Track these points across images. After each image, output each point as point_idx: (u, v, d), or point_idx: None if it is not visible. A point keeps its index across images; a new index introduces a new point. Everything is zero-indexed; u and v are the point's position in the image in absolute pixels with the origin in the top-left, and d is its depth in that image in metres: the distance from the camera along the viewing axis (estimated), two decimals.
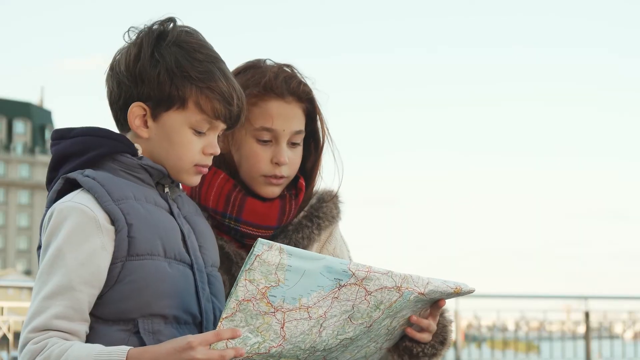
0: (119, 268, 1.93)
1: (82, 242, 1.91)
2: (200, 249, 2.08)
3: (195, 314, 2.02)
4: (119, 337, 1.93)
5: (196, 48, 2.05)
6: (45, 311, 1.87)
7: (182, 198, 2.15)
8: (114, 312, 1.94)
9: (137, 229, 1.95)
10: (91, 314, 1.93)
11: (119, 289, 1.93)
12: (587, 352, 10.90)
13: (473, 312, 11.78)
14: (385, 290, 1.85)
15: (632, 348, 11.74)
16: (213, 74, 2.04)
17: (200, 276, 2.04)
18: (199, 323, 2.02)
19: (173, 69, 2.02)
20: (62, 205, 1.95)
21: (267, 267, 1.77)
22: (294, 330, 1.82)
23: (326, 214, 2.43)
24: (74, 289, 1.89)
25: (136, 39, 2.06)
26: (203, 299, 2.03)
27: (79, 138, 2.04)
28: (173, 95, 2.02)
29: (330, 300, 1.82)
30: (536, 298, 11.92)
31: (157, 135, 2.04)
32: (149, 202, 2.01)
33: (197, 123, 2.04)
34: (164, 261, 1.97)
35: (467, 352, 11.79)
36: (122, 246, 1.93)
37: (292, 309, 1.80)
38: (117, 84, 2.05)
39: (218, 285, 2.10)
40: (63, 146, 2.06)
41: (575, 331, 12.02)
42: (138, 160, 2.03)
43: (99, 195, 1.94)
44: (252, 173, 2.35)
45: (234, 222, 2.33)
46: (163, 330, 1.95)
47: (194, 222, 2.11)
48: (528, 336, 12.37)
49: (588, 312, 11.15)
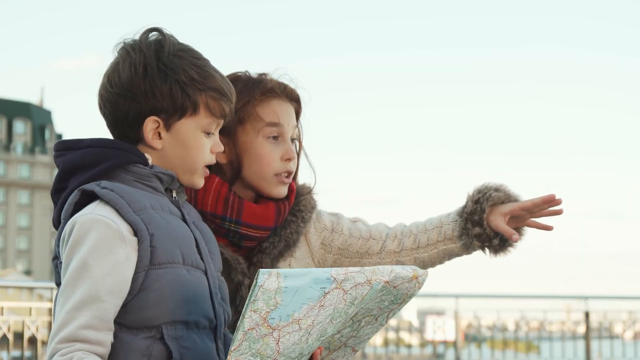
0: (142, 277, 1.96)
1: (106, 253, 1.93)
2: (209, 254, 2.12)
3: (212, 318, 2.06)
4: (143, 344, 1.96)
5: (192, 55, 2.10)
6: (72, 322, 1.89)
7: (187, 204, 2.18)
8: (138, 319, 1.96)
9: (158, 238, 1.98)
10: (115, 322, 1.95)
11: (143, 297, 1.96)
12: (587, 352, 10.89)
13: (473, 312, 11.78)
14: (359, 287, 1.90)
15: (632, 348, 11.74)
16: (213, 76, 2.10)
17: (212, 281, 2.08)
18: (214, 327, 2.07)
19: (182, 79, 2.06)
20: (85, 217, 1.96)
21: (268, 294, 1.83)
22: (287, 343, 1.87)
23: (306, 206, 2.52)
24: (100, 300, 1.91)
25: (133, 55, 2.08)
26: (216, 303, 2.08)
27: (90, 149, 2.05)
28: (186, 104, 2.07)
29: (317, 309, 1.87)
30: (536, 298, 11.91)
31: (170, 144, 2.08)
32: (164, 210, 2.04)
33: (208, 125, 2.10)
34: (183, 268, 2.01)
35: (467, 352, 11.80)
36: (145, 256, 1.96)
37: (286, 325, 1.85)
38: (123, 103, 2.07)
39: (225, 290, 2.14)
40: (72, 157, 2.06)
41: (575, 331, 12.01)
42: (150, 169, 2.06)
43: (120, 207, 1.97)
44: (264, 174, 2.42)
45: (234, 225, 2.39)
46: (185, 335, 1.99)
47: (201, 228, 2.15)
48: (528, 336, 12.35)
49: (588, 312, 11.15)
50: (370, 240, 2.56)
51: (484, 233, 2.48)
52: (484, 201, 2.48)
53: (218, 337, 2.07)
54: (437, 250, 2.54)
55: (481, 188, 2.52)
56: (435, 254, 2.55)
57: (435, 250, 2.54)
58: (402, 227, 2.60)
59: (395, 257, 2.56)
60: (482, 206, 2.48)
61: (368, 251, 2.56)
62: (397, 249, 2.56)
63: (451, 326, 11.41)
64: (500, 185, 2.52)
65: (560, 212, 2.47)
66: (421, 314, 19.37)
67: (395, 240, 2.57)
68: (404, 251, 2.55)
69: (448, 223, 2.54)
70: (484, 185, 2.53)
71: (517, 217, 2.49)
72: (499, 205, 2.49)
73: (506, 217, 2.48)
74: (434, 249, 2.54)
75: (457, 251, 2.55)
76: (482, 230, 2.48)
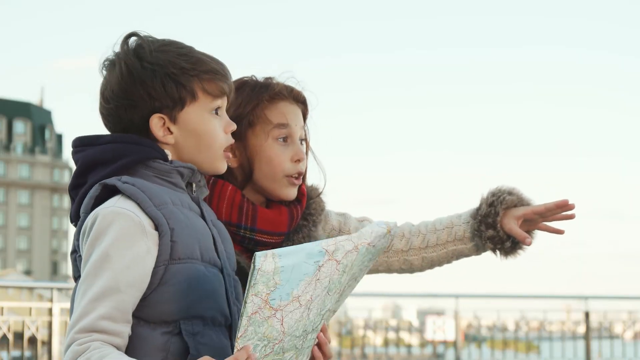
0: (162, 271, 1.97)
1: (128, 246, 1.94)
2: (225, 253, 2.14)
3: (227, 316, 2.07)
4: (162, 339, 1.97)
5: (175, 46, 2.11)
6: (91, 312, 1.91)
7: (204, 203, 2.19)
8: (157, 313, 1.97)
9: (178, 233, 1.99)
10: (133, 316, 1.96)
11: (162, 291, 1.97)
12: (587, 352, 10.89)
13: (473, 312, 11.79)
14: (348, 254, 1.93)
15: (632, 348, 11.74)
16: (202, 59, 2.11)
17: (228, 280, 2.10)
18: (228, 325, 2.08)
19: (172, 71, 2.07)
20: (107, 210, 1.97)
21: (267, 275, 1.84)
22: (290, 322, 1.88)
23: (316, 209, 2.56)
24: (120, 291, 1.92)
25: (118, 65, 2.09)
26: (232, 302, 2.09)
27: (110, 145, 2.06)
28: (183, 94, 2.08)
29: (314, 283, 1.89)
30: (536, 298, 11.92)
31: (181, 136, 2.09)
32: (184, 206, 2.06)
33: (212, 105, 2.11)
34: (201, 265, 2.03)
35: (467, 352, 11.80)
36: (165, 250, 1.98)
37: (287, 304, 1.87)
38: (124, 112, 2.08)
39: (239, 289, 2.15)
40: (91, 153, 2.07)
41: (575, 331, 12.02)
42: (170, 164, 2.07)
43: (141, 201, 1.98)
44: (275, 175, 2.45)
45: (249, 232, 2.42)
46: (202, 331, 2.00)
47: (218, 227, 2.16)
48: (528, 336, 12.37)
49: (588, 312, 11.15)
50: None
51: (497, 235, 2.52)
52: (498, 204, 2.52)
53: (232, 335, 2.08)
54: (446, 250, 2.58)
55: (495, 191, 2.56)
56: (444, 254, 2.59)
57: (445, 250, 2.58)
58: (409, 227, 2.64)
59: (403, 255, 2.60)
60: (496, 209, 2.52)
61: None
62: (405, 247, 2.60)
63: (451, 326, 11.41)
64: (513, 189, 2.56)
65: (572, 216, 2.52)
66: (421, 314, 19.39)
67: (403, 239, 2.61)
68: (411, 250, 2.60)
69: (460, 224, 2.58)
70: (498, 188, 2.56)
71: (529, 221, 2.53)
72: (512, 209, 2.53)
73: (519, 220, 2.52)
74: (443, 249, 2.58)
75: (467, 252, 2.59)
76: (496, 232, 2.52)
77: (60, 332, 7.10)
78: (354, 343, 12.87)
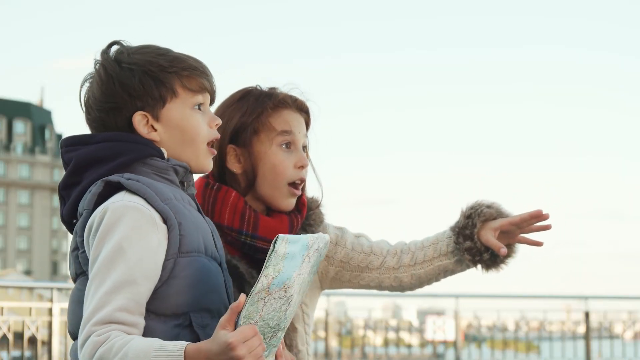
0: (172, 264, 2.00)
1: (141, 238, 1.96)
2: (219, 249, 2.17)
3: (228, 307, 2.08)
4: (173, 332, 1.99)
5: (154, 48, 2.15)
6: (107, 305, 1.92)
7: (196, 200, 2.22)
8: (167, 306, 2.00)
9: (185, 227, 2.02)
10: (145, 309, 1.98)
11: (173, 284, 2.00)
12: (587, 352, 10.90)
13: (473, 312, 11.81)
14: (316, 252, 1.95)
15: (632, 348, 11.76)
16: (180, 57, 2.14)
17: (225, 274, 2.14)
18: None
19: (150, 69, 2.10)
20: (117, 204, 1.98)
21: (277, 259, 1.89)
22: (269, 308, 1.90)
23: (315, 220, 2.62)
24: (136, 283, 1.94)
25: (98, 72, 2.12)
26: (230, 295, 2.13)
27: (105, 144, 2.08)
28: (162, 91, 2.10)
29: (299, 277, 1.92)
30: (536, 298, 11.93)
31: (166, 133, 2.11)
32: (185, 202, 2.09)
33: (192, 101, 2.13)
34: (205, 258, 2.06)
35: (467, 352, 11.81)
36: (174, 243, 2.00)
37: (277, 291, 1.90)
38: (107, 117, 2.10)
39: (231, 285, 2.19)
40: (87, 151, 2.09)
41: (575, 331, 12.03)
42: (167, 162, 2.10)
43: (148, 196, 2.00)
44: (278, 183, 2.50)
45: (250, 238, 2.47)
46: (210, 323, 2.03)
47: (209, 223, 2.18)
48: (528, 336, 12.36)
49: (588, 312, 11.16)
50: (371, 256, 2.63)
51: (475, 247, 2.55)
52: (476, 217, 2.56)
53: None
54: (432, 266, 2.62)
55: (473, 205, 2.60)
56: (431, 270, 2.62)
57: (431, 267, 2.62)
58: (402, 245, 2.67)
59: (394, 273, 2.63)
60: (473, 221, 2.55)
61: (368, 266, 2.63)
62: (396, 265, 2.63)
63: (451, 326, 11.42)
64: (493, 203, 2.60)
65: (548, 227, 2.54)
66: (421, 314, 19.40)
67: (395, 257, 2.64)
68: (402, 267, 2.63)
69: (443, 240, 2.62)
70: (477, 202, 2.60)
71: (508, 233, 2.56)
72: (490, 221, 2.56)
73: (496, 232, 2.55)
74: (430, 265, 2.62)
75: (452, 267, 2.61)
76: (473, 244, 2.55)
77: (60, 332, 7.10)
78: (354, 343, 12.89)
